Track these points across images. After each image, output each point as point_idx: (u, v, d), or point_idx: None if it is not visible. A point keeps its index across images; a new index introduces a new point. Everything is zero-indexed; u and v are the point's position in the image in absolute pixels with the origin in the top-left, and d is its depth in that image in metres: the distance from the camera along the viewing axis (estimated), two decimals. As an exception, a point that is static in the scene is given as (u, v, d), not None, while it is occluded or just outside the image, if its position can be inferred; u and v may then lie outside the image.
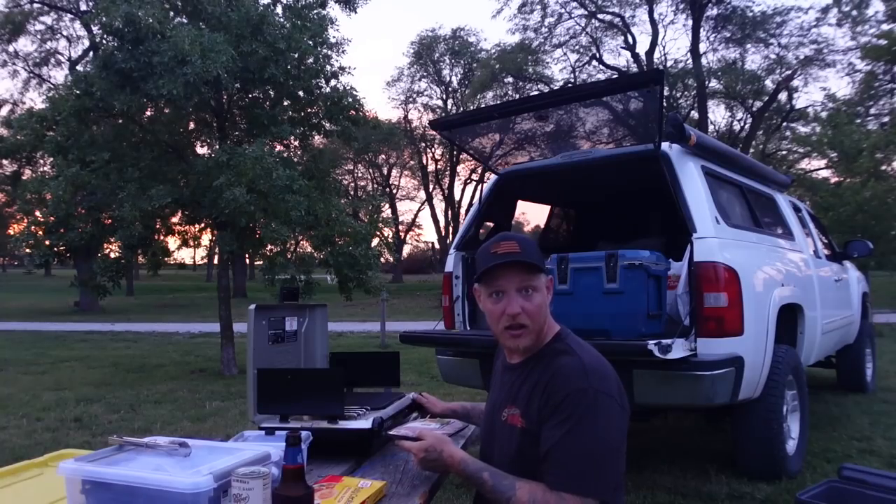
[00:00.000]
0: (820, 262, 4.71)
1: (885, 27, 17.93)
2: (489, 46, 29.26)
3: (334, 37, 8.18)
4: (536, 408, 1.39)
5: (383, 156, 37.84)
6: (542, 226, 5.58)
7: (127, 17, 6.44)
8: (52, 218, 7.53)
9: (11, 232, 23.82)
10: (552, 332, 1.50)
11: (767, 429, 3.23)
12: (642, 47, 22.69)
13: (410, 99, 35.23)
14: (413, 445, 1.52)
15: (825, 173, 19.32)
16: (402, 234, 42.95)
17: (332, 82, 8.21)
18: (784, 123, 24.21)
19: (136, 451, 1.34)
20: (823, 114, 18.76)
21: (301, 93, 8.12)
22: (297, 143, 8.72)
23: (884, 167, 13.46)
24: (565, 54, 23.66)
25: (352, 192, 38.01)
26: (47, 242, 7.56)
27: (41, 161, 18.69)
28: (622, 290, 3.02)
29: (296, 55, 7.59)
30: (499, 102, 18.19)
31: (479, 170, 28.39)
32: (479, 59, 28.81)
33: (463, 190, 38.31)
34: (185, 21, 7.45)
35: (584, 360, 1.40)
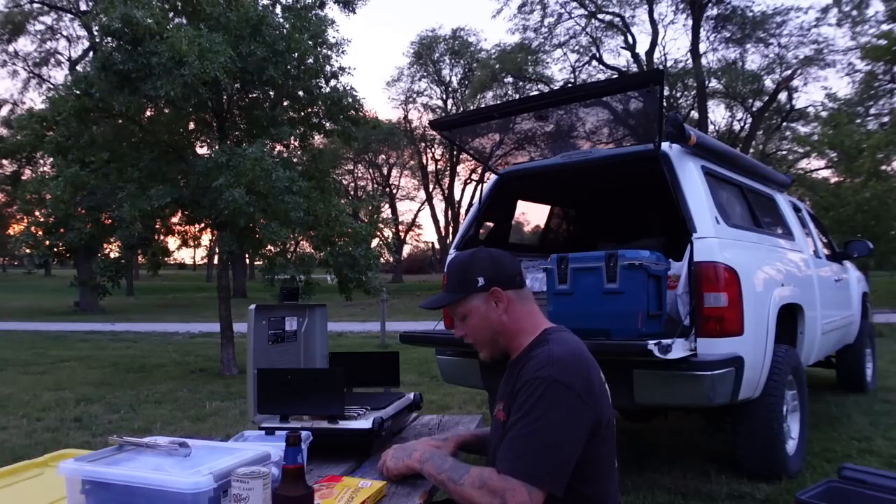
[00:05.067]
0: (820, 262, 4.70)
1: (885, 27, 17.90)
2: (489, 46, 29.37)
3: (334, 37, 8.19)
4: (510, 400, 1.43)
5: (383, 156, 37.87)
6: (542, 226, 5.58)
7: (124, 17, 6.44)
8: (51, 218, 7.53)
9: (11, 232, 23.84)
10: (536, 330, 1.51)
11: (767, 429, 3.23)
12: (642, 47, 22.75)
13: (410, 99, 35.33)
14: (381, 461, 1.58)
15: (825, 173, 19.34)
16: (402, 234, 42.95)
17: (332, 82, 8.23)
18: (784, 123, 24.23)
19: (136, 451, 1.35)
20: (823, 114, 18.76)
21: (301, 93, 8.12)
22: (296, 144, 8.72)
23: (884, 167, 13.45)
24: (565, 54, 23.74)
25: (352, 193, 38.02)
26: (47, 242, 7.56)
27: (41, 161, 18.70)
28: (622, 290, 3.02)
29: (295, 56, 7.59)
30: (499, 102, 18.18)
31: (479, 170, 28.39)
32: (479, 59, 28.85)
33: (463, 190, 38.39)
34: (184, 22, 7.45)
35: (553, 350, 1.40)
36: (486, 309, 1.51)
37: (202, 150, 8.68)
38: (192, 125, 8.65)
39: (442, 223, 38.64)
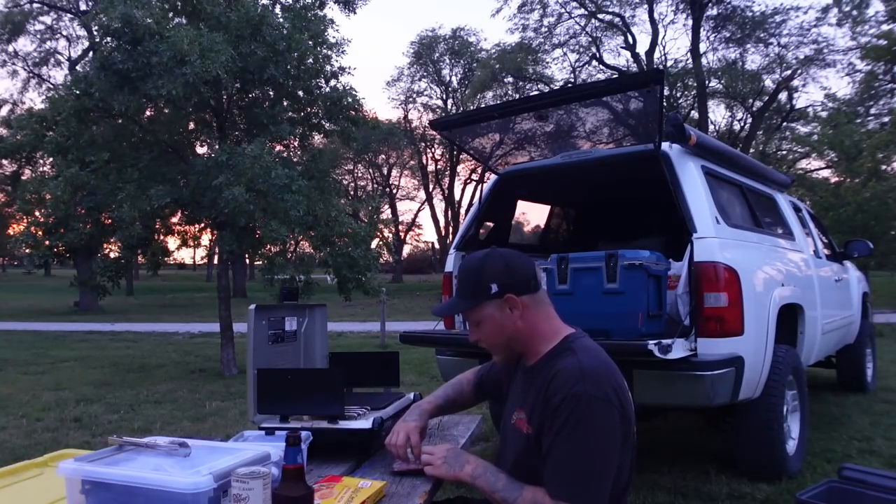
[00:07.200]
0: (820, 261, 4.70)
1: (885, 27, 17.91)
2: (489, 46, 29.33)
3: (334, 37, 8.19)
4: (538, 412, 1.38)
5: (383, 156, 37.86)
6: (542, 226, 5.58)
7: (123, 17, 6.44)
8: (51, 218, 7.53)
9: (11, 232, 23.85)
10: (558, 336, 1.48)
11: (767, 429, 3.23)
12: (642, 47, 22.74)
13: (410, 99, 35.33)
14: (429, 460, 1.50)
15: (825, 173, 19.32)
16: (402, 234, 42.96)
17: (332, 82, 8.22)
18: (784, 123, 24.21)
19: (136, 451, 1.34)
20: (823, 113, 18.77)
21: (301, 93, 8.12)
22: (296, 143, 8.73)
23: (884, 167, 13.45)
24: (565, 54, 23.74)
25: (352, 193, 38.03)
26: (47, 243, 7.56)
27: (41, 161, 18.72)
28: (622, 290, 3.02)
29: (295, 55, 7.59)
30: (499, 102, 18.19)
31: (479, 170, 28.40)
32: (479, 59, 28.85)
33: (463, 190, 38.39)
34: (184, 22, 7.45)
35: (582, 362, 1.36)
36: (501, 316, 1.46)
37: (202, 150, 8.69)
38: (192, 125, 8.66)
39: (442, 223, 38.68)
